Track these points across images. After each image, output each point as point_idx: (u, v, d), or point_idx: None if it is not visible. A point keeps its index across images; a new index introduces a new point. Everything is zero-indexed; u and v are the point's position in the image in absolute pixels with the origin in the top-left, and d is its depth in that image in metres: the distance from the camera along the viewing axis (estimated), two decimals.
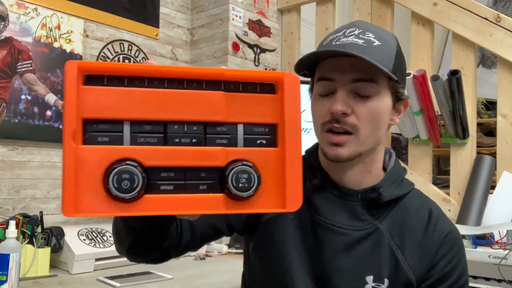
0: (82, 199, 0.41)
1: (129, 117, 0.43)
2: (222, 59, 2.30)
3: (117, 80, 0.43)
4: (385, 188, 0.81)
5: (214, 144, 0.45)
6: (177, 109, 0.44)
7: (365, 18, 2.25)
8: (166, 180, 0.43)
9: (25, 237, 1.56)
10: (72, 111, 0.41)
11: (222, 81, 0.46)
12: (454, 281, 0.80)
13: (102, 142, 0.42)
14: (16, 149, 1.81)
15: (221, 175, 0.45)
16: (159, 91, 0.43)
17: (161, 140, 0.44)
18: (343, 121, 0.76)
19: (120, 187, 0.41)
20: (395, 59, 0.78)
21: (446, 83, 1.76)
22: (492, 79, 3.12)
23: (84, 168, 0.41)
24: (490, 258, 1.54)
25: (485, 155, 1.91)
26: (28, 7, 1.83)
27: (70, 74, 0.42)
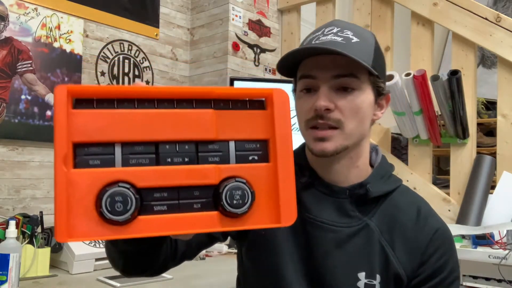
0: (75, 223, 0.41)
1: (120, 139, 0.42)
2: (222, 59, 2.30)
3: (106, 103, 0.43)
4: (372, 184, 0.82)
5: (206, 162, 0.45)
6: (168, 128, 0.43)
7: (365, 18, 2.25)
8: (159, 201, 0.43)
9: (25, 237, 1.56)
10: (62, 135, 0.41)
11: (211, 99, 0.46)
12: (445, 276, 0.80)
13: (93, 165, 0.42)
14: (16, 149, 1.81)
15: (214, 193, 0.45)
16: (149, 112, 0.43)
17: (153, 161, 0.43)
18: (327, 117, 0.78)
19: (113, 209, 0.41)
20: (373, 55, 0.80)
21: (446, 83, 1.76)
22: (492, 79, 3.12)
23: (76, 192, 0.41)
24: (490, 258, 1.54)
25: (485, 155, 1.91)
26: (28, 7, 1.83)
27: (60, 98, 0.41)
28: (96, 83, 2.07)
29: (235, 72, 2.29)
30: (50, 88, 1.89)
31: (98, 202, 0.41)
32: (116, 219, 0.41)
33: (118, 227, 0.41)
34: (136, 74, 2.24)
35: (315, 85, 0.79)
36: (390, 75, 1.82)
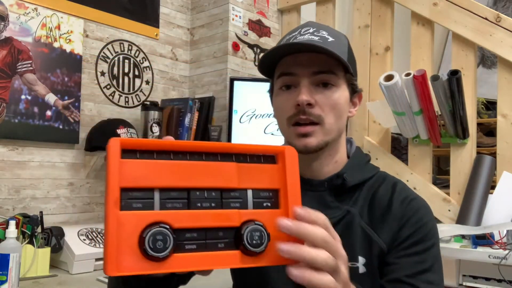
0: (121, 259, 0.46)
1: (158, 185, 0.49)
2: (222, 59, 2.30)
3: (147, 153, 0.50)
4: (348, 173, 0.84)
5: (229, 207, 0.51)
6: (198, 177, 0.50)
7: (365, 18, 2.25)
8: (190, 240, 0.49)
9: (25, 237, 1.56)
10: (115, 181, 0.47)
11: (233, 153, 0.53)
12: (418, 239, 0.80)
13: (136, 208, 0.48)
14: (16, 149, 1.81)
15: (236, 234, 0.51)
16: (182, 162, 0.50)
17: (186, 205, 0.50)
18: (309, 112, 0.80)
19: (155, 247, 0.46)
20: (348, 54, 0.83)
21: (446, 83, 1.76)
22: (492, 79, 3.12)
23: (122, 231, 0.46)
24: (490, 258, 1.54)
25: (485, 155, 1.91)
26: (28, 7, 1.84)
27: (114, 149, 0.48)
28: (96, 83, 2.07)
29: (235, 72, 2.29)
30: (50, 88, 1.89)
31: (141, 240, 0.46)
32: (157, 256, 0.46)
33: (157, 263, 0.47)
34: (136, 74, 2.24)
35: (295, 81, 0.82)
36: (390, 75, 1.82)
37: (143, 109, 2.10)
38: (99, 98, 2.09)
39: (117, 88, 2.16)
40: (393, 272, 0.78)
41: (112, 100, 2.14)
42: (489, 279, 1.60)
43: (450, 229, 1.76)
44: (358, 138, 2.23)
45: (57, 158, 1.93)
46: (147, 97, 2.27)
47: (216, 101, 2.29)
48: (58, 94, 1.91)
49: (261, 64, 0.86)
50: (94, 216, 2.04)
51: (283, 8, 2.53)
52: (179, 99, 2.29)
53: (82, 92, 2.01)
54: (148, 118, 2.07)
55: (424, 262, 0.79)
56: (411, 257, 0.79)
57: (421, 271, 0.78)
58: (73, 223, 1.94)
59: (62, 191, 1.94)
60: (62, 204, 1.94)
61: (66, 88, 1.94)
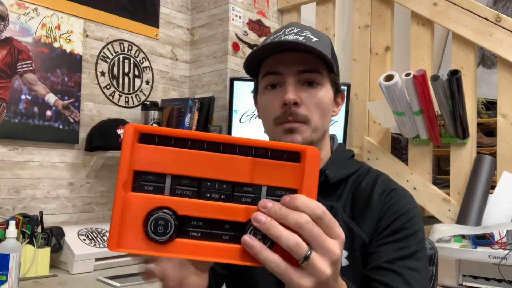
0: (124, 237, 0.49)
1: (171, 172, 0.50)
2: (222, 59, 2.30)
3: (165, 140, 0.51)
4: (331, 169, 0.85)
5: (239, 202, 0.51)
6: (212, 169, 0.51)
7: (365, 18, 2.25)
8: (195, 228, 0.50)
9: (25, 237, 1.56)
10: (125, 164, 0.49)
11: (253, 147, 0.53)
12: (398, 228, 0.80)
13: (147, 191, 0.50)
14: (16, 149, 1.81)
15: (241, 230, 0.51)
16: (197, 152, 0.51)
17: (195, 194, 0.51)
18: (295, 112, 0.81)
19: (156, 231, 0.48)
20: (331, 54, 0.84)
21: (446, 83, 1.76)
22: (492, 79, 3.12)
23: (129, 211, 0.49)
24: (490, 258, 1.54)
25: (485, 155, 1.91)
26: (28, 7, 1.83)
27: (128, 134, 0.50)
28: (96, 83, 2.07)
29: (235, 72, 2.29)
30: (50, 88, 1.89)
31: (145, 222, 0.49)
32: (157, 239, 0.48)
33: (158, 245, 0.49)
34: (136, 74, 2.24)
35: (281, 80, 0.83)
36: (390, 75, 1.82)
37: (143, 109, 2.10)
38: (99, 98, 2.09)
39: (117, 88, 2.15)
40: (374, 260, 0.79)
41: (112, 100, 2.14)
42: (489, 279, 1.60)
43: (450, 229, 1.76)
44: (358, 138, 2.23)
45: (57, 158, 1.93)
46: (147, 97, 2.27)
47: (216, 101, 2.29)
48: (58, 94, 1.91)
49: (248, 64, 0.87)
50: (94, 216, 2.04)
51: (283, 8, 2.53)
52: (179, 99, 2.29)
53: (82, 92, 2.01)
54: (148, 118, 2.07)
55: (405, 249, 0.78)
56: (391, 244, 0.79)
57: (401, 257, 0.77)
58: (73, 223, 1.94)
59: (62, 191, 1.94)
60: (62, 204, 1.94)
61: (66, 88, 1.94)
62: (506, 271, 1.51)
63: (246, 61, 0.86)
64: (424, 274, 0.80)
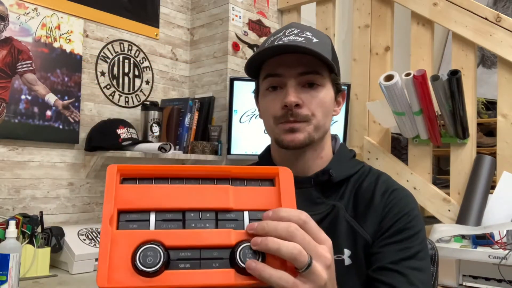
0: (113, 273, 0.49)
1: (154, 207, 0.52)
2: (222, 59, 2.30)
3: (146, 180, 0.54)
4: (334, 169, 0.86)
5: (224, 228, 0.53)
6: (194, 200, 0.53)
7: (365, 18, 2.25)
8: (184, 259, 0.51)
9: (25, 237, 1.56)
10: (110, 203, 0.51)
11: (229, 178, 0.56)
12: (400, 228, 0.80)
13: (132, 228, 0.51)
14: (16, 149, 1.81)
15: (231, 253, 0.52)
16: (179, 186, 0.53)
17: (180, 225, 0.52)
18: (296, 113, 0.81)
19: (144, 262, 0.49)
20: (331, 55, 0.85)
21: (446, 83, 1.76)
22: (492, 79, 3.12)
23: (117, 248, 0.49)
24: (490, 258, 1.54)
25: (485, 155, 1.91)
26: (28, 7, 1.83)
27: (111, 176, 0.52)
28: (96, 83, 2.07)
29: (235, 72, 2.29)
30: (50, 88, 1.89)
31: (133, 256, 0.49)
32: (147, 271, 0.48)
33: (148, 278, 0.49)
34: (136, 74, 2.24)
35: (282, 82, 0.83)
36: (390, 75, 1.82)
37: (143, 109, 2.10)
38: (99, 98, 2.09)
39: (117, 88, 2.15)
40: (377, 261, 0.79)
41: (112, 100, 2.14)
42: (489, 279, 1.60)
43: (450, 229, 1.76)
44: (358, 138, 2.23)
45: (57, 158, 1.93)
46: (147, 97, 2.27)
47: (216, 101, 2.29)
48: (58, 94, 1.91)
49: (248, 66, 0.87)
50: (94, 216, 2.04)
51: (283, 8, 2.53)
52: (179, 99, 2.29)
53: (82, 92, 2.01)
54: (148, 118, 2.07)
55: (408, 249, 0.79)
56: (394, 245, 0.79)
57: (405, 258, 0.78)
58: (73, 223, 1.94)
59: (62, 191, 1.94)
60: (62, 204, 1.94)
61: (66, 88, 1.94)
62: (506, 271, 1.51)
63: (247, 64, 0.86)
64: (428, 274, 0.80)
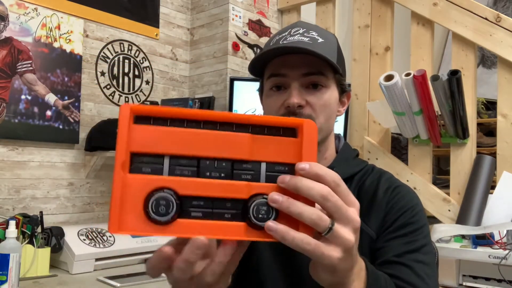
0: (125, 219, 0.47)
1: (169, 152, 0.49)
2: (222, 59, 2.30)
3: (161, 121, 0.50)
4: (337, 168, 0.84)
5: (239, 179, 0.51)
6: (210, 147, 0.50)
7: (365, 18, 2.25)
8: (196, 208, 0.49)
9: (25, 237, 1.56)
10: (123, 145, 0.48)
11: (250, 124, 0.52)
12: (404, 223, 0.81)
13: (145, 172, 0.49)
14: (16, 149, 1.81)
15: (243, 206, 0.50)
16: (195, 131, 0.50)
17: (195, 173, 0.50)
18: (299, 113, 0.81)
19: (157, 211, 0.47)
20: (337, 55, 0.84)
21: (446, 83, 1.75)
22: (492, 79, 3.12)
23: (129, 193, 0.48)
24: (490, 258, 1.54)
25: (485, 155, 1.91)
26: (28, 7, 1.83)
27: (124, 115, 0.49)
28: (96, 83, 2.07)
29: (235, 72, 2.29)
30: (50, 88, 1.89)
31: (145, 203, 0.48)
32: (159, 220, 0.47)
33: (159, 226, 0.48)
34: (136, 74, 2.24)
35: (285, 83, 0.83)
36: (390, 75, 1.82)
37: None
38: (99, 98, 2.09)
39: (117, 88, 2.15)
40: (382, 255, 0.79)
41: (112, 100, 2.14)
42: (489, 279, 1.59)
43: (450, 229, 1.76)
44: (358, 138, 2.23)
45: (57, 158, 1.93)
46: (147, 97, 2.27)
47: (216, 101, 2.29)
48: (58, 94, 1.91)
49: (252, 66, 0.87)
50: (94, 216, 2.04)
51: (283, 8, 2.53)
52: (179, 99, 2.29)
53: (82, 92, 2.01)
54: None
55: (413, 243, 0.79)
56: (399, 239, 0.80)
57: (409, 251, 0.78)
58: (73, 223, 1.94)
59: (62, 191, 1.94)
60: (62, 204, 1.94)
61: (66, 88, 1.94)
62: (506, 271, 1.51)
63: (250, 63, 0.86)
64: (433, 268, 0.80)
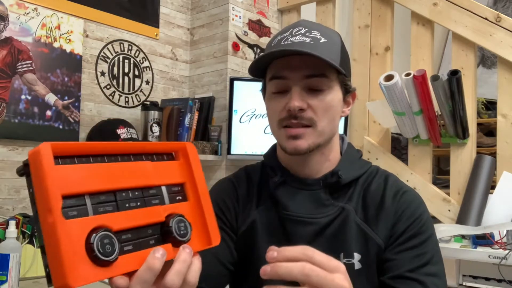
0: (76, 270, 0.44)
1: (87, 190, 0.48)
2: (222, 59, 2.30)
3: (68, 158, 0.49)
4: (343, 171, 0.84)
5: (151, 204, 0.53)
6: (120, 178, 0.51)
7: (365, 18, 2.25)
8: (127, 241, 0.49)
9: (25, 237, 1.56)
10: (55, 189, 0.45)
11: (142, 153, 0.55)
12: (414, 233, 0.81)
13: (72, 216, 0.46)
14: (16, 149, 1.81)
15: (162, 229, 0.52)
16: (103, 165, 0.50)
17: (115, 207, 0.50)
18: (300, 116, 0.80)
19: (104, 251, 0.45)
20: (340, 54, 0.82)
21: (446, 83, 1.76)
22: (492, 79, 3.12)
23: (69, 241, 0.44)
24: (490, 258, 1.54)
25: (485, 155, 1.91)
26: (28, 7, 1.83)
27: (47, 156, 0.46)
28: (96, 83, 2.07)
29: (235, 72, 2.29)
30: (50, 88, 1.89)
31: (89, 247, 0.45)
32: (108, 260, 0.45)
33: (108, 268, 0.46)
34: (136, 74, 2.24)
35: (287, 85, 0.81)
36: (390, 75, 1.82)
37: (143, 109, 2.10)
38: (99, 98, 2.09)
39: (117, 88, 2.15)
40: (394, 269, 0.79)
41: (112, 100, 2.14)
42: (489, 279, 1.60)
43: (450, 229, 1.76)
44: (358, 138, 2.23)
45: None
46: (147, 97, 2.27)
47: (216, 101, 2.29)
48: (58, 94, 1.91)
49: (253, 69, 0.85)
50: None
51: (283, 8, 2.53)
52: (179, 99, 2.29)
53: (82, 92, 2.01)
54: (148, 118, 2.07)
55: (423, 255, 0.79)
56: (410, 252, 0.79)
57: (421, 265, 0.78)
58: None
59: None
60: None
61: (66, 88, 1.94)
62: (506, 271, 1.51)
63: (251, 66, 0.84)
64: (443, 277, 0.81)
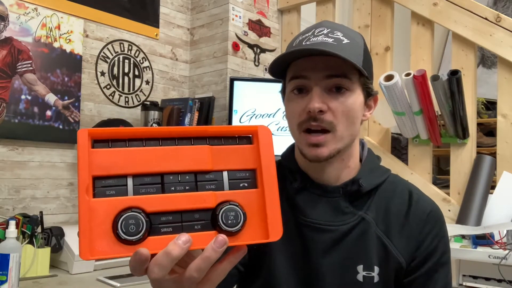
0: (95, 244, 0.48)
1: (131, 172, 0.50)
2: (222, 59, 2.30)
3: (119, 142, 0.51)
4: (364, 179, 0.83)
5: (204, 190, 0.52)
6: (171, 162, 0.51)
7: (365, 18, 2.25)
8: (165, 223, 0.50)
9: (25, 237, 1.56)
10: (84, 170, 0.49)
11: (206, 136, 0.54)
12: (438, 258, 0.82)
13: (109, 195, 0.49)
14: (16, 149, 1.81)
15: (212, 215, 0.52)
16: (155, 149, 0.51)
17: (160, 189, 0.51)
18: (320, 118, 0.77)
19: (127, 231, 0.48)
20: (363, 56, 0.80)
21: (446, 83, 1.76)
22: (492, 79, 3.12)
23: (96, 218, 0.48)
24: (490, 258, 1.54)
25: (485, 155, 1.91)
26: (28, 7, 1.83)
27: (82, 140, 0.49)
28: (96, 83, 2.07)
29: (235, 72, 2.29)
30: (50, 88, 1.89)
31: (114, 225, 0.48)
32: (130, 239, 0.48)
33: (131, 246, 0.48)
34: (136, 74, 2.24)
35: (307, 85, 0.79)
36: (390, 75, 1.82)
37: (143, 109, 2.10)
38: (99, 98, 2.09)
39: (117, 88, 2.15)
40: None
41: (112, 100, 2.14)
42: (489, 279, 1.59)
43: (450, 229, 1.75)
44: None
45: (57, 158, 1.93)
46: (147, 97, 2.27)
47: (216, 101, 2.29)
48: (58, 94, 1.91)
49: (273, 68, 0.83)
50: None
51: (283, 8, 2.53)
52: (179, 99, 2.29)
53: (82, 92, 2.01)
54: (148, 118, 2.07)
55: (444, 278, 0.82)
56: (433, 277, 0.81)
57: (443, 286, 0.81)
58: (73, 223, 1.94)
59: (62, 191, 1.94)
60: (62, 204, 1.94)
61: (66, 88, 1.94)
62: (506, 271, 1.51)
63: (271, 65, 0.82)
64: None
